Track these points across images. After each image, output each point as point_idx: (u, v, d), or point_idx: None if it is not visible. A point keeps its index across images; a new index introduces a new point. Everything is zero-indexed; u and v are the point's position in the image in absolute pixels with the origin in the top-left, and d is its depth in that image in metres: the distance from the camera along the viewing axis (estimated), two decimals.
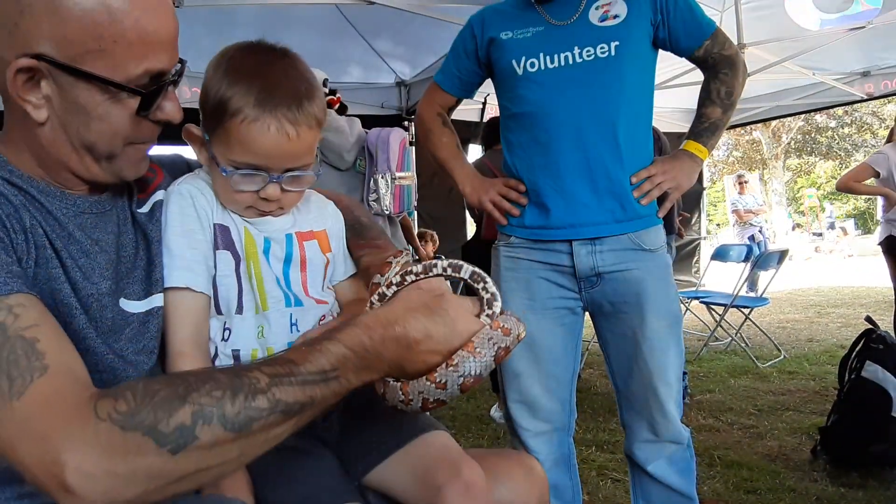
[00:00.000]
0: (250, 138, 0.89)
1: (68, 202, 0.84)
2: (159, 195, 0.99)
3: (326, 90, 2.73)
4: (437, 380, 0.78)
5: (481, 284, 0.85)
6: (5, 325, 0.68)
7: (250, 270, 0.97)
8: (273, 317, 0.98)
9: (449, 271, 0.85)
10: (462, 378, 0.78)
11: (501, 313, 0.84)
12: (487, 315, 0.83)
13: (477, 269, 0.86)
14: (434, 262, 0.86)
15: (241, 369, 0.70)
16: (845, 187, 4.23)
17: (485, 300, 0.84)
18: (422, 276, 0.85)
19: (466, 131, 4.99)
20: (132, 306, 0.88)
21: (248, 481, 0.93)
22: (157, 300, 0.91)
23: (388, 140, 2.78)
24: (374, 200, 2.81)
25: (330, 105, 2.73)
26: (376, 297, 0.85)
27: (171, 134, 0.96)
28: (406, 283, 0.85)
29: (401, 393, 0.80)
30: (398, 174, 2.84)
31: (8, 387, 0.65)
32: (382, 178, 2.81)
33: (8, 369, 0.66)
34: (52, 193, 0.83)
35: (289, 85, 0.90)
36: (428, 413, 0.89)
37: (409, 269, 0.85)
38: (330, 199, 1.15)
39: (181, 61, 0.88)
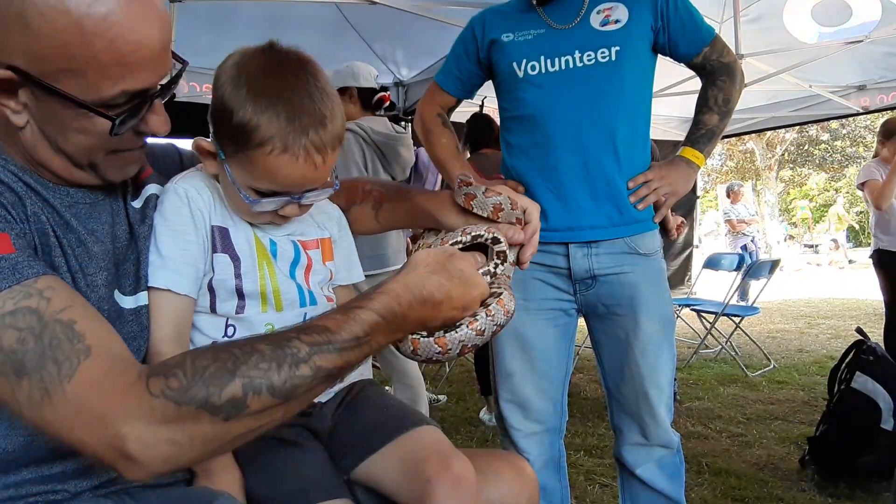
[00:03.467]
0: (277, 168, 0.87)
1: (61, 193, 0.84)
2: (151, 188, 0.97)
3: (377, 86, 2.75)
4: (478, 328, 0.86)
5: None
6: (39, 310, 0.69)
7: (262, 272, 0.97)
8: (287, 317, 0.98)
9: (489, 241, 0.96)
10: (496, 326, 0.88)
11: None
12: (496, 264, 0.95)
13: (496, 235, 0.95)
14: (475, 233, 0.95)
15: (280, 339, 0.73)
16: (880, 195, 3.82)
17: (495, 252, 0.95)
18: (468, 243, 0.94)
19: (462, 134, 4.99)
20: (124, 301, 0.87)
21: (240, 477, 0.93)
22: (143, 298, 0.90)
23: None
24: None
25: (382, 102, 2.75)
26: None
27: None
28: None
29: (437, 346, 0.86)
30: None
31: (56, 371, 0.67)
32: None
33: (53, 354, 0.68)
34: (45, 185, 0.82)
35: (314, 108, 0.87)
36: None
37: (456, 239, 0.94)
38: (350, 186, 1.16)
39: (182, 61, 0.86)
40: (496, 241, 0.95)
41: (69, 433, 0.68)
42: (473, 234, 0.94)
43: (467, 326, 0.85)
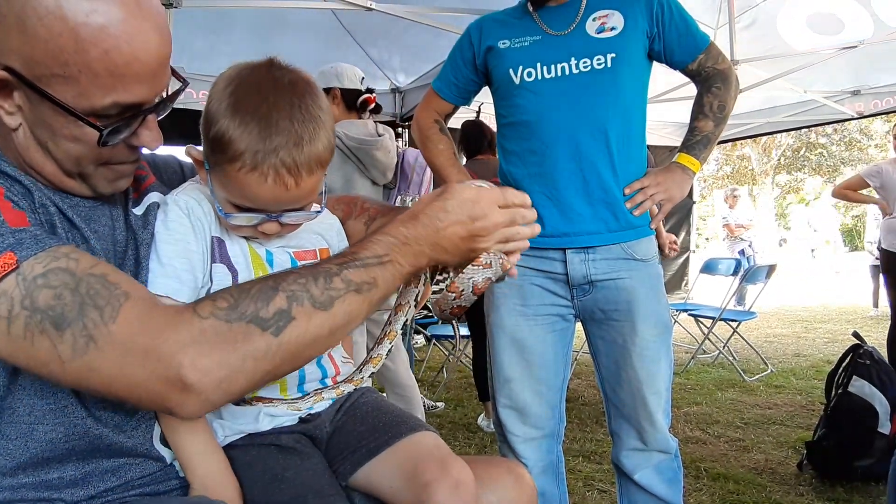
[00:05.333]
0: (247, 186, 0.87)
1: (62, 196, 0.84)
2: (153, 196, 0.98)
3: (363, 88, 2.72)
4: (483, 261, 0.95)
5: None
6: (70, 268, 0.71)
7: None
8: None
9: None
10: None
11: None
12: None
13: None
14: None
15: (312, 264, 0.81)
16: (840, 195, 4.53)
17: None
18: None
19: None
20: None
21: (238, 488, 0.93)
22: None
23: (426, 165, 2.81)
24: None
25: (366, 104, 2.73)
26: None
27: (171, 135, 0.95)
28: None
29: (484, 269, 0.94)
30: (420, 198, 2.92)
31: (99, 316, 0.69)
32: (412, 199, 2.89)
33: (93, 301, 0.69)
34: (47, 189, 0.82)
35: (291, 129, 0.85)
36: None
37: None
38: (350, 201, 1.17)
39: (182, 80, 0.86)
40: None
41: (119, 374, 0.68)
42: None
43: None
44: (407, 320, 1.01)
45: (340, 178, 2.58)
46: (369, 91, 2.74)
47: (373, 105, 2.75)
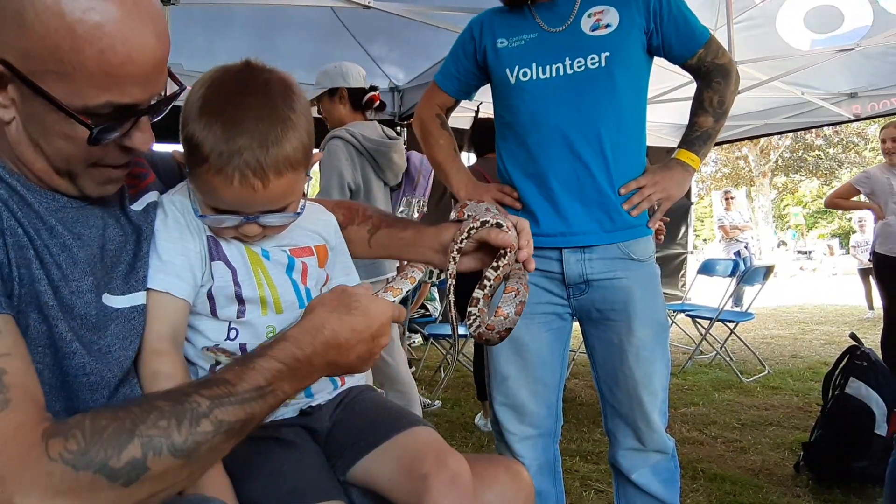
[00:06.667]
0: (216, 189, 0.86)
1: (48, 197, 0.83)
2: (152, 195, 0.97)
3: (366, 87, 2.72)
4: (512, 286, 1.03)
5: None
6: None
7: (259, 279, 0.97)
8: (287, 318, 0.98)
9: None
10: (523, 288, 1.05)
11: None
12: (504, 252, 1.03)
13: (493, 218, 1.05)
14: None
15: (180, 395, 0.72)
16: (832, 204, 4.63)
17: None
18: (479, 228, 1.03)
19: (460, 138, 4.97)
20: (115, 301, 0.87)
21: (229, 484, 0.92)
22: (140, 297, 0.90)
23: (432, 169, 2.84)
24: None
25: (372, 102, 2.71)
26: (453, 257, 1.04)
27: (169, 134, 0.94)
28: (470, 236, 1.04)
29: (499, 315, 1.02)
30: (424, 201, 2.95)
31: None
32: (417, 201, 2.91)
33: None
34: (32, 188, 0.82)
35: (257, 129, 0.83)
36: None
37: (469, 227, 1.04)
38: (350, 206, 1.17)
39: (180, 84, 0.86)
40: (499, 225, 1.02)
41: None
42: (482, 219, 1.03)
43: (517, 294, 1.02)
44: (410, 287, 1.04)
45: (362, 178, 2.59)
46: (373, 89, 2.74)
47: (377, 103, 2.75)
